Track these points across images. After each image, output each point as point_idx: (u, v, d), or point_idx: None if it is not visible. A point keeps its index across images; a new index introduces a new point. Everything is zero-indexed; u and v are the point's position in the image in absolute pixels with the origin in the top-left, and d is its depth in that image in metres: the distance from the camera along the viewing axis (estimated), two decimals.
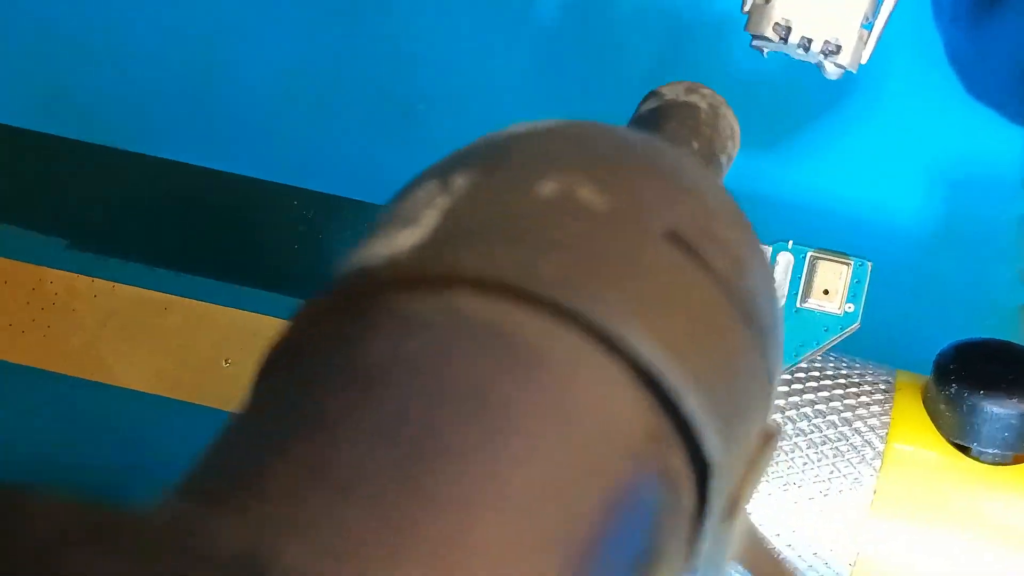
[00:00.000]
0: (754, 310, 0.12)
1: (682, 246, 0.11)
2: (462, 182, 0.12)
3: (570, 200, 0.11)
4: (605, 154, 0.12)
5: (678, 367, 0.10)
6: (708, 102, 0.18)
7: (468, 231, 0.11)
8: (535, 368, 0.10)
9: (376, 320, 0.11)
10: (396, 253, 0.11)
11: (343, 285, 0.11)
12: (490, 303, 0.10)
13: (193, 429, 0.23)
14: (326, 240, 0.23)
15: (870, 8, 0.20)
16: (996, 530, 0.21)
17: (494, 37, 0.30)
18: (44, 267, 0.24)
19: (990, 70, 0.28)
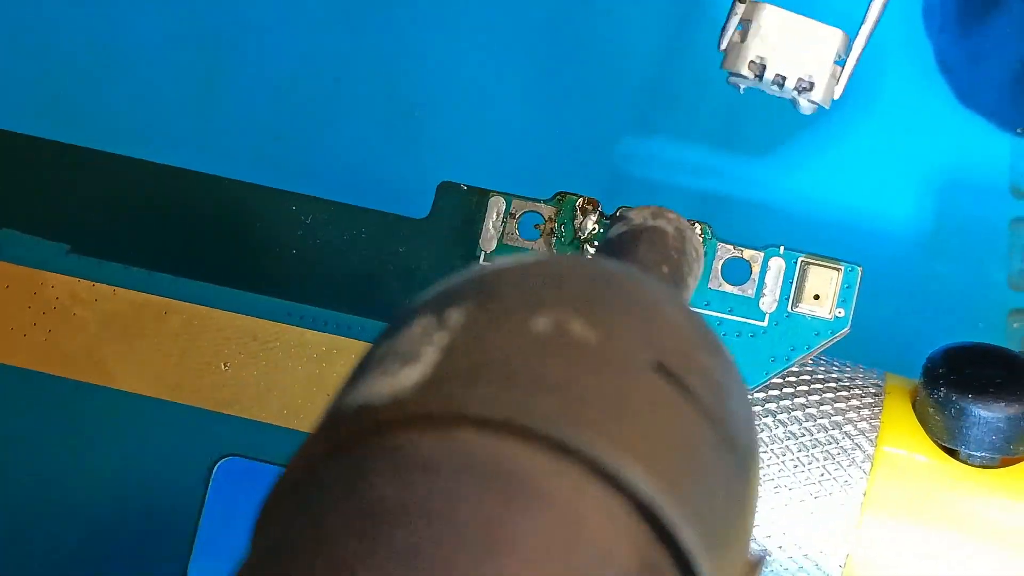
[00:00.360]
0: (737, 435, 0.12)
1: (668, 377, 0.12)
2: (457, 317, 0.12)
3: (563, 335, 0.12)
4: (590, 289, 0.13)
5: (673, 500, 0.11)
6: (674, 226, 0.19)
7: (469, 369, 0.11)
8: (541, 505, 0.10)
9: (383, 461, 0.11)
10: (399, 391, 0.11)
11: (346, 424, 0.11)
12: (495, 441, 0.11)
13: (192, 431, 0.24)
14: (324, 245, 0.23)
15: (842, 46, 0.21)
16: (984, 532, 0.21)
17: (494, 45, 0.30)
18: (45, 271, 0.24)
19: (980, 77, 0.28)
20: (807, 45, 0.20)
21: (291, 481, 0.11)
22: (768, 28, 0.20)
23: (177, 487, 0.24)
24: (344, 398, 0.12)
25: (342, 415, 0.12)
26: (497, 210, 0.23)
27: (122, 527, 0.24)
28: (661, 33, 0.29)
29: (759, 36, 0.20)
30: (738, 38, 0.21)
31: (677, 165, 0.28)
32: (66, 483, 0.24)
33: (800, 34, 0.20)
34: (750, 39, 0.21)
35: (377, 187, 0.30)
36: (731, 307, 0.22)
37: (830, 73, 0.21)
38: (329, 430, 0.12)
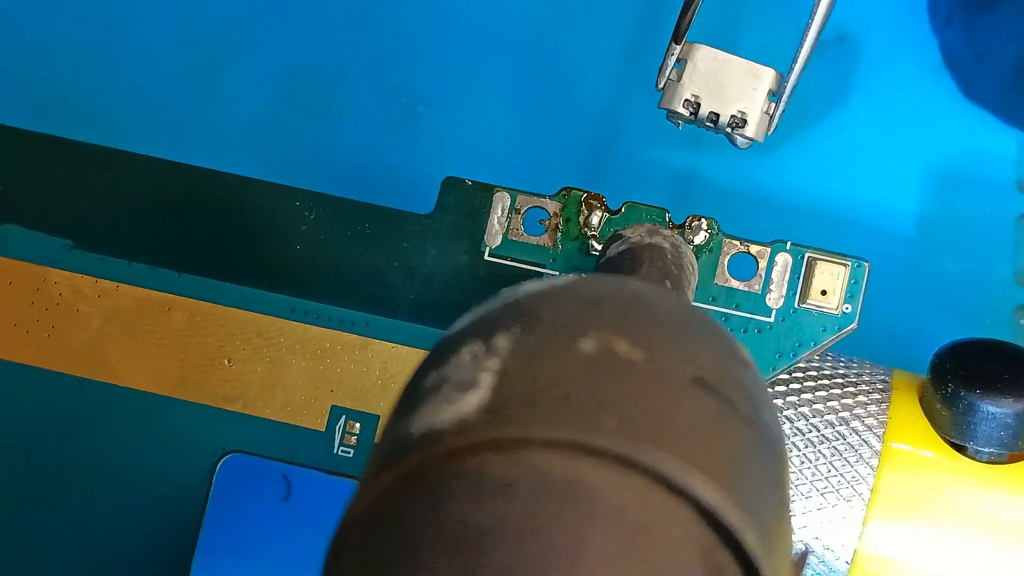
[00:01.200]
0: (774, 439, 0.13)
1: (709, 389, 0.12)
2: (505, 343, 0.12)
3: (611, 355, 0.12)
4: (627, 309, 0.13)
5: (734, 505, 0.11)
6: (670, 242, 0.20)
7: (527, 392, 0.12)
8: (615, 517, 0.11)
9: (460, 486, 0.11)
10: (464, 417, 0.12)
11: (415, 452, 0.12)
12: (564, 461, 0.11)
13: (196, 428, 0.24)
14: (328, 241, 0.23)
15: (775, 83, 0.21)
16: (991, 527, 0.21)
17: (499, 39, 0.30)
18: (48, 267, 0.24)
19: (986, 72, 0.28)
20: (740, 83, 0.21)
21: (363, 513, 0.12)
22: (702, 67, 0.21)
23: (181, 483, 0.23)
24: (403, 428, 0.12)
25: (408, 444, 0.12)
26: (502, 205, 0.23)
27: (126, 523, 0.24)
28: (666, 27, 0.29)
29: (694, 75, 0.21)
30: (675, 76, 0.22)
31: (683, 160, 0.28)
32: (69, 479, 0.24)
33: (734, 72, 0.21)
34: (685, 78, 0.21)
35: (381, 182, 0.30)
36: (737, 303, 0.22)
37: (763, 109, 0.21)
38: (397, 460, 0.12)
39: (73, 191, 0.24)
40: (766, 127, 0.22)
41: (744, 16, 0.28)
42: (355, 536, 0.12)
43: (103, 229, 0.24)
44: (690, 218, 0.22)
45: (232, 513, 0.23)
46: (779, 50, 0.22)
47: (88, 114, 0.31)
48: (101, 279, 0.24)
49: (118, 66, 0.31)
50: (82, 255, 0.24)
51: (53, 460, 0.24)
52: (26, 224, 0.24)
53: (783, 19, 0.28)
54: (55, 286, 0.24)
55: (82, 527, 0.24)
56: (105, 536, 0.24)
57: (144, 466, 0.24)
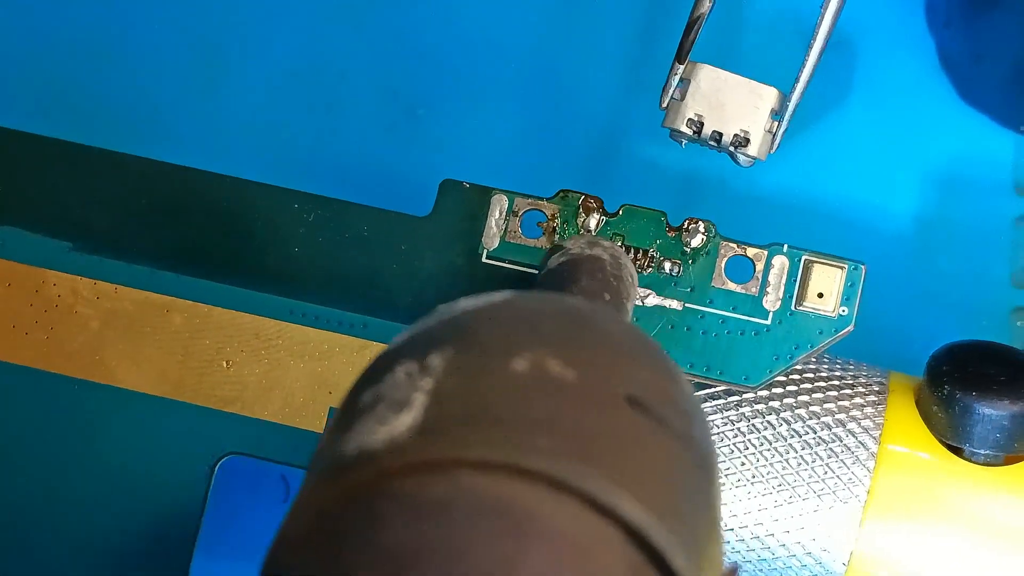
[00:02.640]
0: (705, 457, 0.13)
1: (641, 409, 0.12)
2: (439, 362, 0.13)
3: (543, 374, 0.12)
4: (561, 328, 0.13)
5: (662, 526, 0.11)
6: (610, 253, 0.20)
7: (460, 413, 0.12)
8: (545, 538, 0.11)
9: (393, 506, 0.11)
10: (396, 438, 0.12)
11: (349, 473, 0.12)
12: (495, 481, 0.11)
13: (194, 430, 0.24)
14: (326, 243, 0.23)
15: (778, 102, 0.22)
16: (987, 529, 0.21)
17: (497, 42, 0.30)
18: (47, 269, 0.24)
19: (983, 74, 0.28)
20: (743, 102, 0.21)
21: (299, 531, 0.12)
22: (706, 87, 0.22)
23: (179, 485, 0.24)
24: (338, 446, 0.12)
25: (342, 465, 0.12)
26: (500, 208, 0.23)
27: (124, 525, 0.24)
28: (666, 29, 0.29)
29: (697, 94, 0.22)
30: (678, 96, 0.22)
31: (680, 163, 0.28)
32: (68, 481, 0.24)
33: (736, 92, 0.22)
34: (689, 97, 0.22)
35: (380, 185, 0.30)
36: (734, 305, 0.22)
37: (766, 128, 0.22)
38: (334, 477, 0.12)
39: (72, 193, 0.24)
40: (768, 146, 0.22)
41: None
42: (288, 555, 0.12)
43: (102, 231, 0.24)
44: (687, 221, 0.22)
45: (230, 514, 0.23)
46: (781, 69, 0.22)
47: (88, 116, 0.31)
48: (100, 281, 0.24)
49: (118, 68, 0.31)
50: (81, 257, 0.24)
51: (51, 462, 0.24)
52: (25, 226, 0.24)
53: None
54: (54, 288, 0.24)
55: (81, 528, 0.24)
56: (104, 537, 0.24)
57: (142, 468, 0.24)
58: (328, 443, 0.13)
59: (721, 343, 0.22)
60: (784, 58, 0.22)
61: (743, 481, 0.22)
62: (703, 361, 0.22)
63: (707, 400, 0.22)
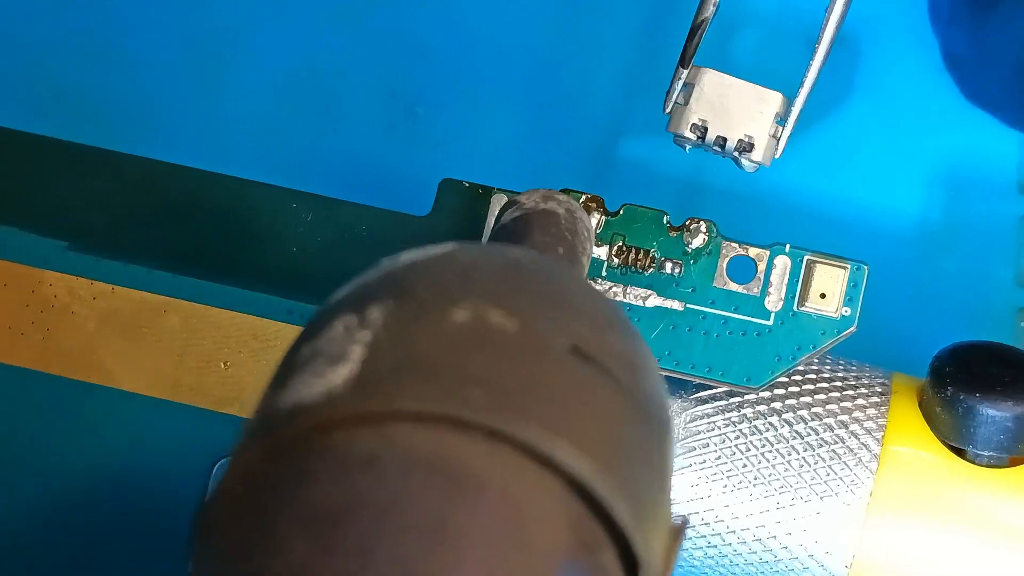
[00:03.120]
0: (654, 409, 0.13)
1: (586, 359, 0.12)
2: (378, 314, 0.12)
3: (483, 325, 0.12)
4: (503, 278, 0.13)
5: (605, 477, 0.11)
6: (565, 207, 0.20)
7: (397, 365, 0.12)
8: (481, 493, 0.11)
9: (324, 461, 0.11)
10: (331, 391, 0.11)
11: (281, 427, 0.11)
12: (431, 434, 0.11)
13: (191, 431, 0.24)
14: (325, 243, 0.23)
15: (782, 107, 0.21)
16: (991, 531, 0.21)
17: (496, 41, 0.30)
18: (43, 270, 0.24)
19: (988, 73, 0.28)
20: (747, 107, 0.21)
21: (231, 489, 0.12)
22: (709, 92, 0.21)
23: (177, 486, 0.23)
24: (273, 401, 0.12)
25: (275, 418, 0.12)
26: (500, 207, 0.23)
27: (122, 527, 0.24)
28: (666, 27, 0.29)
29: (701, 99, 0.21)
30: (682, 100, 0.22)
31: (682, 162, 0.28)
32: (65, 482, 0.24)
33: (741, 97, 0.21)
34: (693, 102, 0.22)
35: (379, 184, 0.29)
36: (736, 306, 0.22)
37: (770, 133, 0.21)
38: (264, 434, 0.12)
39: (69, 193, 0.24)
40: (773, 151, 0.22)
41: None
42: (220, 512, 0.12)
43: (99, 231, 0.24)
44: (689, 220, 0.22)
45: None
46: (785, 73, 0.22)
47: (86, 116, 0.30)
48: (97, 281, 0.24)
49: (117, 67, 0.31)
50: (78, 257, 0.24)
51: (49, 463, 0.24)
52: (22, 226, 0.24)
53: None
54: (51, 288, 0.24)
55: (77, 530, 0.24)
56: (100, 539, 0.24)
57: (140, 469, 0.24)
58: (263, 400, 0.12)
59: (723, 344, 0.22)
60: (788, 62, 0.22)
61: (745, 482, 0.22)
62: (705, 362, 0.22)
63: (709, 401, 0.22)
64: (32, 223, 0.24)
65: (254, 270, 0.23)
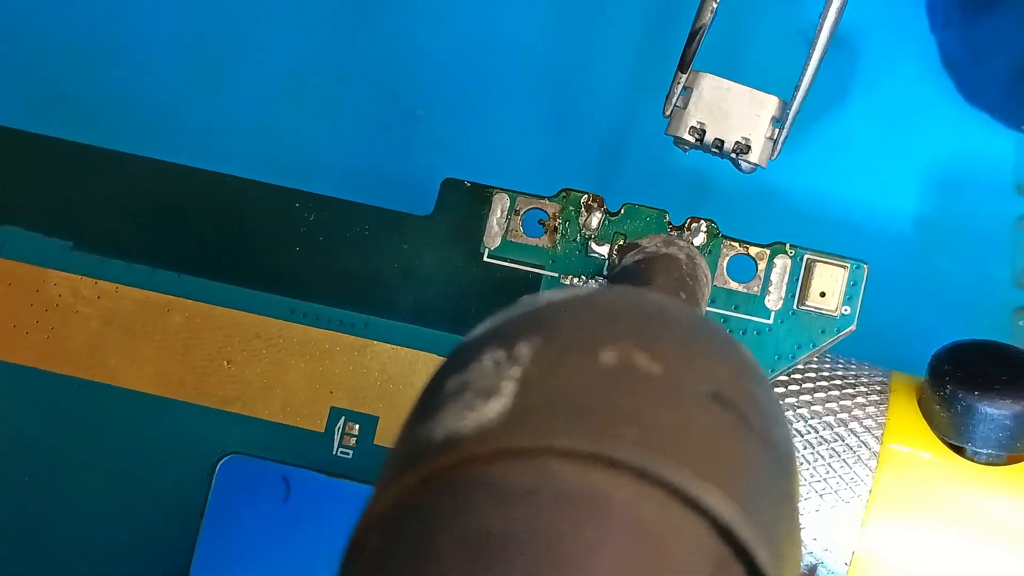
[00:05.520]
0: (786, 457, 0.13)
1: (726, 405, 0.13)
2: (527, 351, 0.13)
3: (630, 367, 0.12)
4: (647, 322, 0.13)
5: (748, 521, 0.11)
6: (685, 252, 0.20)
7: (549, 402, 0.12)
8: (633, 529, 0.11)
9: (481, 492, 0.11)
10: (485, 424, 0.12)
11: (436, 457, 0.12)
12: (583, 470, 0.11)
13: (195, 429, 0.24)
14: (327, 242, 0.23)
15: (778, 110, 0.22)
16: (990, 529, 0.21)
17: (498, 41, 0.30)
18: (48, 269, 0.24)
19: (984, 74, 0.28)
20: (745, 110, 0.22)
21: (383, 515, 0.12)
22: (708, 95, 0.22)
23: (180, 485, 0.23)
24: (425, 431, 0.12)
25: (429, 448, 0.12)
26: (501, 207, 0.23)
27: (125, 525, 0.24)
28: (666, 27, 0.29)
29: (700, 103, 0.22)
30: (681, 104, 0.22)
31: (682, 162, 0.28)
32: (68, 481, 0.24)
33: (738, 100, 0.22)
34: (691, 106, 0.22)
35: (381, 184, 0.30)
36: (736, 304, 0.22)
37: (767, 136, 0.22)
38: (418, 463, 0.12)
39: (73, 192, 0.24)
40: (770, 153, 0.22)
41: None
42: (373, 538, 0.12)
43: (103, 230, 0.24)
44: (689, 220, 0.22)
45: (231, 514, 0.23)
46: (782, 76, 0.22)
47: (88, 115, 0.31)
48: (101, 280, 0.24)
49: (118, 67, 0.31)
50: (82, 256, 0.24)
51: (52, 462, 0.24)
52: (26, 225, 0.24)
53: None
54: (54, 287, 0.24)
55: (81, 529, 0.24)
56: (104, 537, 0.24)
57: (143, 468, 0.24)
58: (412, 429, 0.13)
59: None
60: (785, 65, 0.22)
61: None
62: None
63: None
64: (36, 223, 0.24)
65: (257, 269, 0.24)
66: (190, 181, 0.24)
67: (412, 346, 0.23)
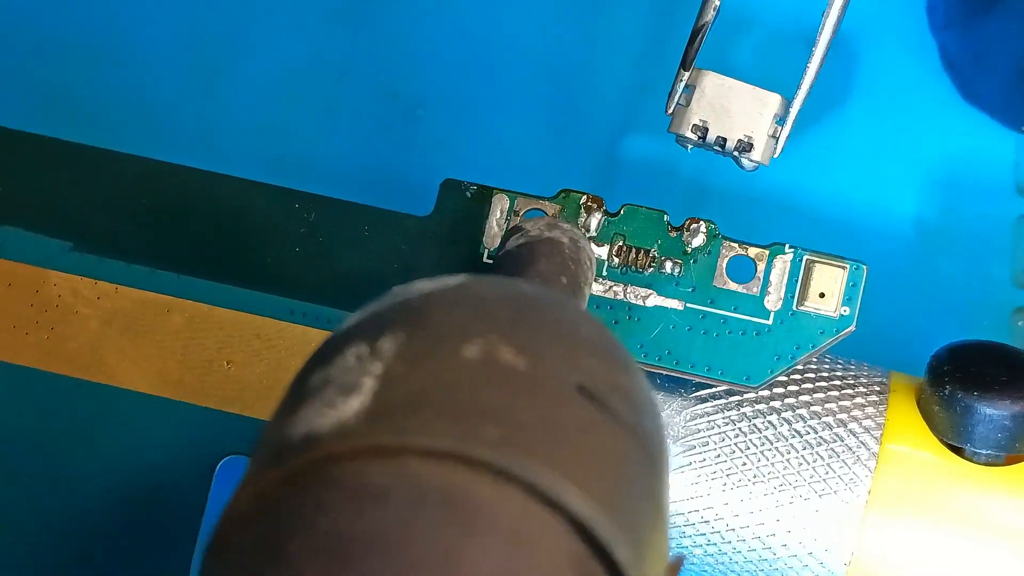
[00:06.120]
0: (654, 449, 0.13)
1: (592, 399, 0.12)
2: (389, 346, 0.12)
3: (494, 362, 0.12)
4: (514, 314, 0.13)
5: (607, 518, 0.11)
6: (568, 236, 0.20)
7: (409, 399, 0.12)
8: (489, 530, 0.11)
9: (336, 492, 0.11)
10: (344, 422, 0.12)
11: (294, 456, 0.12)
12: (441, 469, 0.11)
13: (194, 430, 0.24)
14: (327, 243, 0.23)
15: (781, 108, 0.22)
16: (989, 529, 0.21)
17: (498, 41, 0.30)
18: (47, 269, 0.24)
19: (984, 75, 0.28)
20: (747, 108, 0.22)
21: (242, 514, 0.12)
22: (710, 93, 0.22)
23: (180, 486, 0.24)
24: (285, 428, 0.12)
25: (288, 447, 0.12)
26: (501, 208, 0.23)
27: (125, 526, 0.24)
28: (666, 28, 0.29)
29: (702, 101, 0.22)
30: (683, 102, 0.22)
31: (681, 162, 0.28)
32: (68, 482, 0.24)
33: (740, 98, 0.22)
34: (694, 103, 0.22)
35: (380, 185, 0.30)
36: (736, 305, 0.22)
37: (769, 133, 0.22)
38: (276, 462, 0.12)
39: (72, 193, 0.24)
40: (772, 150, 0.22)
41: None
42: (232, 535, 0.12)
43: (102, 231, 0.24)
44: (688, 220, 0.22)
45: None
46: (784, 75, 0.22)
47: (88, 116, 0.31)
48: (100, 281, 0.24)
49: (118, 68, 0.31)
50: (81, 257, 0.24)
51: (52, 462, 0.24)
52: (25, 226, 0.24)
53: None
54: (54, 288, 0.24)
55: (81, 529, 0.24)
56: (103, 538, 0.24)
57: (143, 468, 0.24)
58: (275, 423, 0.13)
59: (722, 343, 0.22)
60: (787, 64, 0.22)
61: (744, 481, 0.22)
62: (704, 361, 0.22)
63: (709, 400, 0.22)
64: (36, 223, 0.24)
65: (256, 270, 0.24)
66: (190, 181, 0.24)
67: None
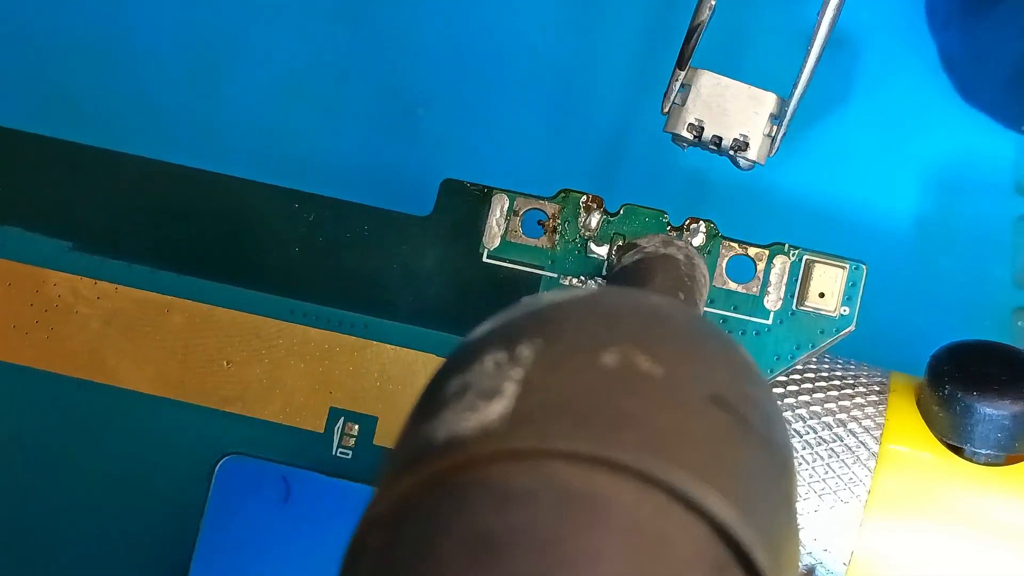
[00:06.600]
0: (786, 459, 0.13)
1: (726, 407, 0.13)
2: (528, 353, 0.13)
3: (631, 371, 0.12)
4: (648, 324, 0.13)
5: (747, 523, 0.12)
6: (684, 253, 0.20)
7: (550, 404, 0.12)
8: (633, 532, 0.11)
9: (482, 493, 0.11)
10: (487, 426, 0.12)
11: (437, 458, 0.12)
12: (584, 473, 0.11)
13: (194, 429, 0.24)
14: (327, 243, 0.23)
15: (776, 107, 0.22)
16: (989, 529, 0.21)
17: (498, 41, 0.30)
18: (48, 269, 0.24)
19: (984, 74, 0.28)
20: (743, 107, 0.22)
21: (384, 515, 0.12)
22: (706, 92, 0.22)
23: (179, 485, 0.24)
24: (425, 432, 0.12)
25: (430, 449, 0.12)
26: (500, 207, 0.23)
27: (124, 525, 0.24)
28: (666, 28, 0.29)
29: (698, 100, 0.22)
30: (679, 101, 0.22)
31: (681, 162, 0.28)
32: (68, 481, 0.24)
33: (736, 97, 0.22)
34: (689, 103, 0.22)
35: (380, 185, 0.30)
36: (735, 305, 0.22)
37: (765, 133, 0.22)
38: (420, 464, 0.12)
39: (73, 193, 0.24)
40: (768, 150, 0.22)
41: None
42: (374, 538, 0.12)
43: (103, 231, 0.24)
44: (688, 220, 0.22)
45: (231, 515, 0.23)
46: (781, 73, 0.22)
47: (88, 116, 0.31)
48: (100, 281, 0.24)
49: (118, 67, 0.31)
50: (81, 257, 0.24)
51: (52, 462, 0.24)
52: (25, 226, 0.24)
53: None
54: (54, 288, 0.24)
55: (81, 529, 0.24)
56: (104, 538, 0.24)
57: (143, 468, 0.24)
58: (413, 428, 0.13)
59: None
60: (784, 62, 0.22)
61: None
62: None
63: None
64: (36, 223, 0.24)
65: (256, 270, 0.24)
66: (190, 181, 0.24)
67: (411, 346, 0.23)
